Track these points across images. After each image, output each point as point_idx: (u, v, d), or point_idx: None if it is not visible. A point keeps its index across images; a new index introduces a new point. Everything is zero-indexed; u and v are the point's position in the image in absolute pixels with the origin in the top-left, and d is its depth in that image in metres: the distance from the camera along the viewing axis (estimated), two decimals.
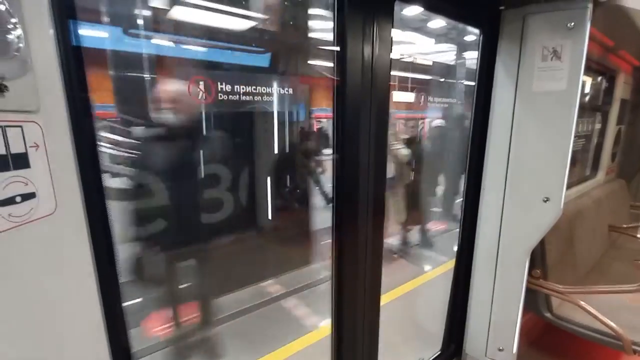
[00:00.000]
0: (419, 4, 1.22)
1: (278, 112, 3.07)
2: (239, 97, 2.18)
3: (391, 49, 1.06)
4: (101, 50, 2.09)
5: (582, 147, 3.01)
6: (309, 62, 3.27)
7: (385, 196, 1.23)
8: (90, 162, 0.67)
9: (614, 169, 3.39)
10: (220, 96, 2.07)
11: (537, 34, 1.36)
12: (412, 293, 2.86)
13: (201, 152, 1.97)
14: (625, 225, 2.79)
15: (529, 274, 1.71)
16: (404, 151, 3.62)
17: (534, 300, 1.81)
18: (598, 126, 3.12)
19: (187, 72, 2.15)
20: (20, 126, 0.55)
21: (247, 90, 2.23)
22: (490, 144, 1.56)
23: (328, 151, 3.39)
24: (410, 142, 3.86)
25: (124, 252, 1.63)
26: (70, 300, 0.65)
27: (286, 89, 2.82)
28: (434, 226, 5.01)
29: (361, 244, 1.18)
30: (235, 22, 2.51)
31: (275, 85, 2.62)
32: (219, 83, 2.06)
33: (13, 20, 0.52)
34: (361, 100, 1.04)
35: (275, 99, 2.79)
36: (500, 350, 1.70)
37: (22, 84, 0.54)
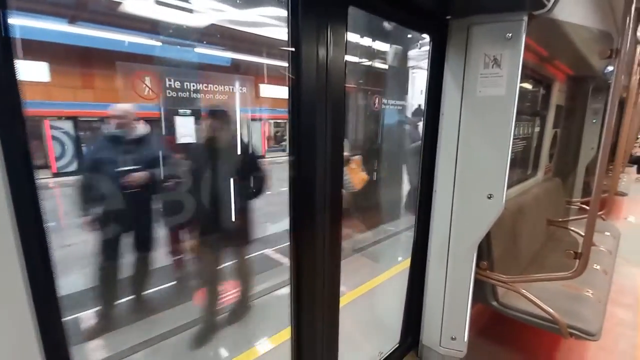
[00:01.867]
0: (371, 10, 1.27)
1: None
2: None
3: (345, 51, 1.09)
4: None
5: (523, 148, 3.28)
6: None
7: (342, 196, 1.25)
8: (21, 170, 0.60)
9: (551, 168, 3.73)
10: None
11: (480, 43, 1.47)
12: (372, 291, 2.95)
13: None
14: (560, 220, 3.08)
15: (477, 266, 1.83)
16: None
17: (482, 290, 1.94)
18: (537, 129, 3.43)
19: None
20: None
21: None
22: (440, 145, 1.65)
23: None
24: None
25: None
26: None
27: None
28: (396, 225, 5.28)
29: (319, 246, 1.19)
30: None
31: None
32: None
33: None
34: (317, 102, 1.05)
35: None
36: (453, 339, 1.79)
37: None
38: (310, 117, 1.05)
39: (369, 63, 5.06)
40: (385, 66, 5.00)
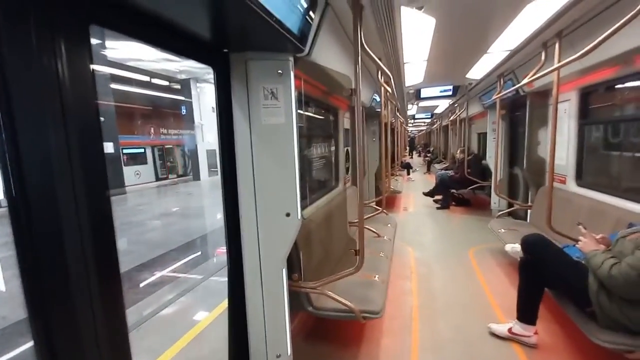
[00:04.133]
0: (132, 34, 1.16)
1: None
2: None
3: (91, 74, 0.93)
4: None
5: (324, 165, 3.86)
6: None
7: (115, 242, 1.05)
8: None
9: (349, 179, 4.55)
10: None
11: (258, 77, 1.61)
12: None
13: None
14: (356, 220, 3.76)
15: (290, 279, 1.97)
16: None
17: (299, 300, 2.09)
18: (334, 149, 4.13)
19: None
20: None
21: None
22: (238, 169, 1.70)
23: None
24: None
25: None
26: None
27: None
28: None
29: (88, 335, 0.92)
30: None
31: None
32: None
33: None
34: (50, 139, 0.84)
35: None
36: (278, 357, 1.84)
37: None
38: (37, 154, 0.82)
39: None
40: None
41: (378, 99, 4.96)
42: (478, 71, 4.50)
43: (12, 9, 0.76)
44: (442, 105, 9.61)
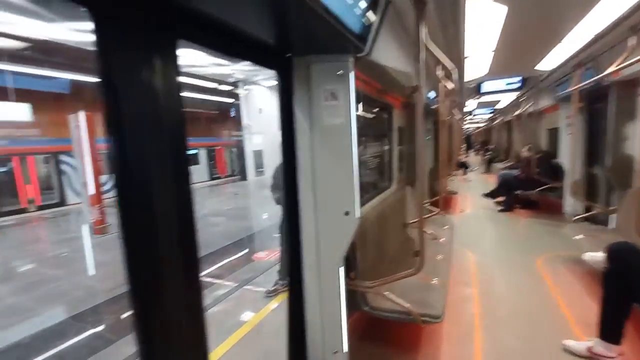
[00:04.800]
0: (209, 45, 1.27)
1: None
2: None
3: (178, 84, 1.04)
4: None
5: (378, 165, 3.82)
6: None
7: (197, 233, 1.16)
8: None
9: (402, 179, 4.44)
10: None
11: (319, 79, 1.65)
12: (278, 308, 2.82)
13: None
14: (412, 221, 3.67)
15: (348, 277, 1.99)
16: None
17: (355, 299, 2.11)
18: (387, 148, 4.07)
19: None
20: None
21: None
22: (299, 170, 1.76)
23: None
24: None
25: None
26: None
27: None
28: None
29: (172, 309, 1.03)
30: None
31: None
32: None
33: None
34: (147, 140, 0.97)
35: None
36: (335, 353, 1.87)
37: None
38: (139, 154, 0.95)
39: None
40: None
41: (433, 96, 4.77)
42: (551, 61, 4.10)
43: (119, 31, 0.88)
44: (505, 99, 8.91)
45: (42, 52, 9.27)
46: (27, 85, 10.74)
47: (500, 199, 6.77)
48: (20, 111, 9.79)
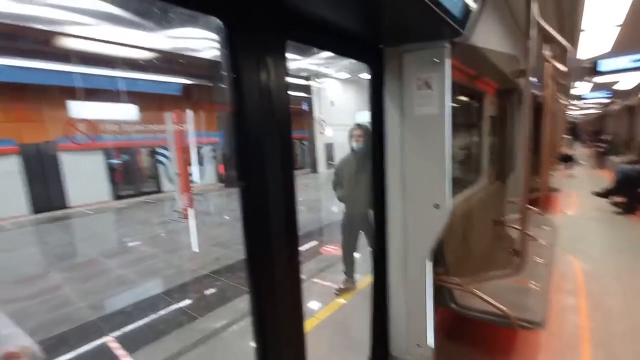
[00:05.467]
0: (309, 43, 1.36)
1: None
2: None
3: (286, 83, 1.15)
4: None
5: (466, 157, 3.57)
6: None
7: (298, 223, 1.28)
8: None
9: (493, 173, 4.07)
10: None
11: (412, 68, 1.62)
12: (340, 309, 2.96)
13: None
14: (504, 219, 3.35)
15: (435, 272, 1.94)
16: None
17: (442, 295, 2.04)
18: (477, 139, 3.76)
19: None
20: None
21: None
22: (388, 162, 1.77)
23: None
24: None
25: None
26: None
27: None
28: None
29: (278, 277, 1.20)
30: None
31: None
32: None
33: None
34: (263, 130, 1.10)
35: None
36: (418, 346, 1.86)
37: None
38: (257, 145, 1.09)
39: None
40: None
41: (534, 80, 4.21)
42: None
43: (242, 36, 1.01)
44: (627, 81, 7.39)
45: (163, 61, 10.92)
46: (147, 89, 12.82)
47: (619, 199, 5.71)
48: (131, 111, 11.60)
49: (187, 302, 4.09)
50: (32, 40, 8.47)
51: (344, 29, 1.43)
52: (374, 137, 1.78)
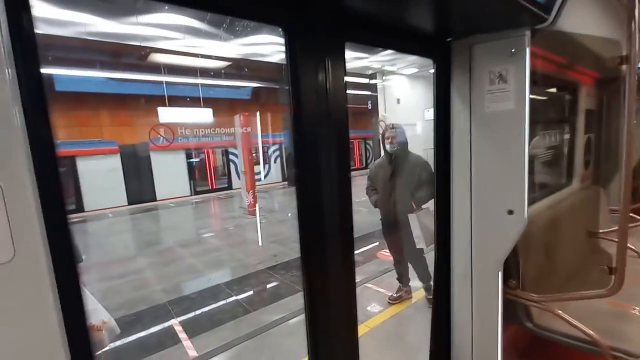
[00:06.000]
0: (369, 43, 1.33)
1: None
2: None
3: (344, 83, 1.14)
4: None
5: (552, 158, 3.13)
6: None
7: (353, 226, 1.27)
8: (54, 204, 0.64)
9: (588, 176, 3.51)
10: None
11: (483, 61, 1.47)
12: (397, 316, 2.84)
13: None
14: (602, 231, 2.87)
15: (506, 285, 1.74)
16: None
17: (514, 311, 1.83)
18: (567, 137, 3.27)
19: None
20: None
21: None
22: (453, 163, 1.64)
23: None
24: None
25: None
26: (33, 353, 0.61)
27: None
28: None
29: (332, 278, 1.20)
30: None
31: None
32: None
33: None
34: (320, 131, 1.11)
35: None
36: None
37: None
38: (314, 145, 1.10)
39: None
40: None
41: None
42: None
43: (303, 42, 1.03)
44: None
45: (235, 67, 11.89)
46: (222, 95, 14.08)
47: None
48: (207, 115, 12.76)
49: (243, 295, 4.39)
50: (131, 55, 9.93)
51: (407, 25, 1.36)
52: (438, 137, 1.67)
